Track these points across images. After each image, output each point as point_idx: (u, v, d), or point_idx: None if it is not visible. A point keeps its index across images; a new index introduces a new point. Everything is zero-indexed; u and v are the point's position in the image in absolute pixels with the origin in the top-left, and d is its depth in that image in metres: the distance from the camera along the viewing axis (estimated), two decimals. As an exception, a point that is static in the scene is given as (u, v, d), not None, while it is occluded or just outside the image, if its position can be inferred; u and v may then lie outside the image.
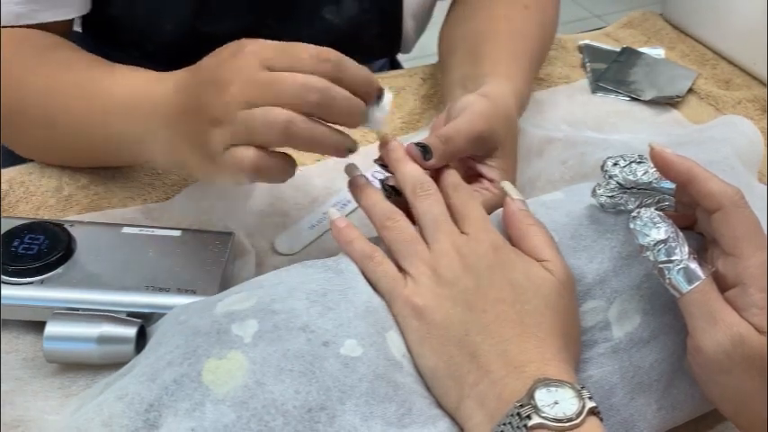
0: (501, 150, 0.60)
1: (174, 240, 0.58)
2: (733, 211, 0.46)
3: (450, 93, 0.70)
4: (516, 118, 0.64)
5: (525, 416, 0.40)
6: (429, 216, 0.51)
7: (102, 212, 0.65)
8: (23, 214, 0.64)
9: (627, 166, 0.52)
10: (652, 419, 0.50)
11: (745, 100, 0.86)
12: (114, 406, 0.44)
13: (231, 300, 0.49)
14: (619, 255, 0.51)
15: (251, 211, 0.66)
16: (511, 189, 0.54)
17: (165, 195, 0.68)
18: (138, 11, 0.77)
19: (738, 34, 0.92)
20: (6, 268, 0.53)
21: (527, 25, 0.75)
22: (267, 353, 0.45)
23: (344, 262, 0.51)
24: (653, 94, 0.84)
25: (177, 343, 0.46)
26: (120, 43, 0.82)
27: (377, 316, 0.48)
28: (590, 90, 0.86)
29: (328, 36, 0.80)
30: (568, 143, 0.72)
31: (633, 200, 0.52)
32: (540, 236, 0.50)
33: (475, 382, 0.44)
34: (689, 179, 0.47)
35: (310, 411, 0.43)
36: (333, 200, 0.68)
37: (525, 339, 0.45)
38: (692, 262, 0.45)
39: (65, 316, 0.52)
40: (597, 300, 0.50)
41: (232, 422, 0.42)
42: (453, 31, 0.77)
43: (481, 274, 0.47)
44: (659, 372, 0.50)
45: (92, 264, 0.55)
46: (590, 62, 0.90)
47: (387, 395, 0.45)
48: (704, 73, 0.91)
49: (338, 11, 0.80)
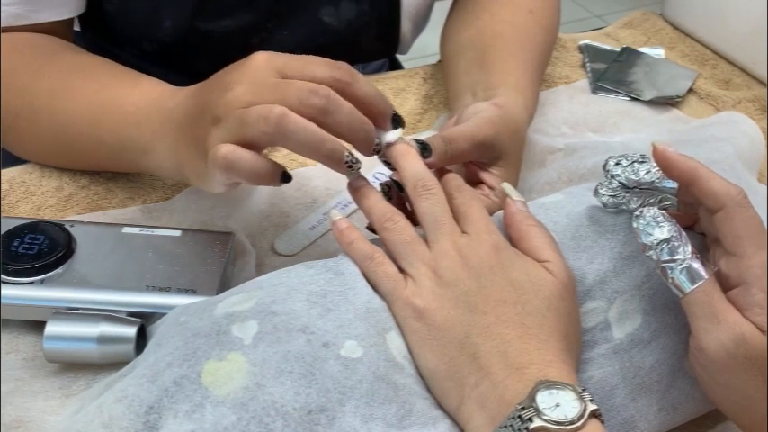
0: (505, 160, 0.60)
1: (174, 240, 0.58)
2: (735, 210, 0.46)
3: (458, 98, 0.70)
4: (525, 132, 0.65)
5: (527, 418, 0.40)
6: (430, 216, 0.50)
7: (103, 212, 0.65)
8: (23, 214, 0.64)
9: (629, 165, 0.52)
10: (653, 420, 0.50)
11: (745, 100, 0.86)
12: (114, 408, 0.44)
13: (231, 301, 0.49)
14: (619, 255, 0.51)
15: (251, 211, 0.66)
16: (511, 190, 0.54)
17: (165, 195, 0.68)
18: (136, 8, 0.77)
19: (738, 34, 0.92)
20: (6, 268, 0.53)
21: (533, 31, 0.75)
22: (267, 354, 0.44)
23: (345, 263, 0.51)
24: (653, 94, 0.84)
25: (177, 344, 0.46)
26: (119, 41, 0.82)
27: (377, 317, 0.48)
28: (590, 90, 0.86)
29: (326, 38, 0.80)
30: (569, 150, 0.73)
31: (636, 199, 0.52)
32: (541, 237, 0.50)
33: (476, 383, 0.44)
34: (692, 178, 0.47)
35: (310, 413, 0.43)
36: (333, 201, 0.68)
37: (526, 341, 0.45)
38: (695, 261, 0.45)
39: (65, 316, 0.52)
40: (597, 300, 0.50)
41: (232, 424, 0.42)
42: (458, 34, 0.77)
43: (482, 275, 0.47)
44: (660, 372, 0.50)
45: (92, 264, 0.55)
46: (590, 62, 0.90)
47: (387, 396, 0.44)
48: (704, 73, 0.91)
49: (336, 13, 0.80)
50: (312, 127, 0.48)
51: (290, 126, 0.48)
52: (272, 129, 0.48)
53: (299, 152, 0.50)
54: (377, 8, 0.82)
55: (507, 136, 0.60)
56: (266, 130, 0.48)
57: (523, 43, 0.73)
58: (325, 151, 0.49)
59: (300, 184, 0.70)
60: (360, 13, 0.81)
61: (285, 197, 0.68)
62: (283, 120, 0.47)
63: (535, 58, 0.73)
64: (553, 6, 0.80)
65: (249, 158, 0.49)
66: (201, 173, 0.53)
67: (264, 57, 0.51)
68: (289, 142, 0.49)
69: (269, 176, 0.50)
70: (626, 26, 1.00)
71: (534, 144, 0.74)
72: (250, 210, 0.66)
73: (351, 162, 0.50)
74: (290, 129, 0.48)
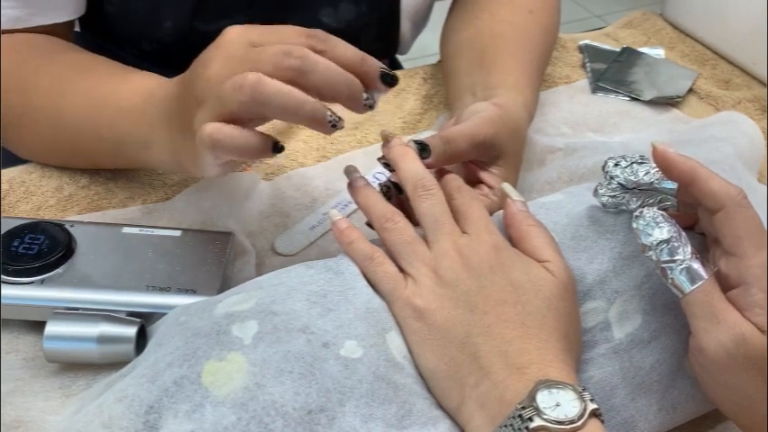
0: (504, 159, 0.60)
1: (174, 240, 0.58)
2: (735, 210, 0.46)
3: (458, 99, 0.70)
4: (525, 132, 0.65)
5: (527, 418, 0.40)
6: (430, 216, 0.50)
7: (103, 212, 0.65)
8: (23, 214, 0.64)
9: (628, 166, 0.52)
10: (653, 420, 0.50)
11: (745, 100, 0.86)
12: (114, 408, 0.44)
13: (231, 301, 0.49)
14: (619, 255, 0.51)
15: (251, 211, 0.66)
16: (511, 190, 0.54)
17: (165, 195, 0.68)
18: (136, 9, 0.77)
19: (738, 34, 0.92)
20: (6, 268, 0.53)
21: (533, 31, 0.75)
22: (267, 354, 0.44)
23: (345, 263, 0.51)
24: (653, 94, 0.84)
25: (177, 344, 0.46)
26: (119, 41, 0.82)
27: (377, 317, 0.48)
28: (590, 90, 0.86)
29: None
30: (569, 150, 0.73)
31: (635, 200, 0.52)
32: (541, 237, 0.50)
33: (476, 383, 0.44)
34: (691, 179, 0.47)
35: (310, 413, 0.43)
36: (333, 201, 0.68)
37: (527, 341, 0.45)
38: (694, 262, 0.45)
39: (65, 316, 0.52)
40: (597, 300, 0.50)
41: (232, 424, 0.42)
42: (458, 34, 0.77)
43: (483, 275, 0.47)
44: (660, 372, 0.50)
45: (92, 264, 0.55)
46: (590, 62, 0.90)
47: (387, 396, 0.44)
48: (704, 73, 0.91)
49: (335, 14, 0.80)
50: (288, 89, 0.47)
51: (265, 91, 0.46)
52: (247, 97, 0.46)
53: (280, 117, 0.48)
54: (376, 9, 0.82)
55: (507, 135, 0.60)
56: (243, 100, 0.47)
57: (523, 43, 0.73)
58: (305, 113, 0.47)
59: (300, 184, 0.70)
60: (359, 13, 0.81)
61: (285, 197, 0.68)
62: (258, 86, 0.46)
63: (535, 57, 0.73)
64: (553, 6, 0.80)
65: (235, 134, 0.48)
66: (197, 159, 0.52)
67: (237, 30, 0.49)
68: (267, 108, 0.47)
69: (259, 149, 0.49)
70: (626, 26, 1.00)
71: (534, 144, 0.74)
72: (250, 210, 0.66)
73: (334, 121, 0.48)
74: (266, 94, 0.46)
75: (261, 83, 0.46)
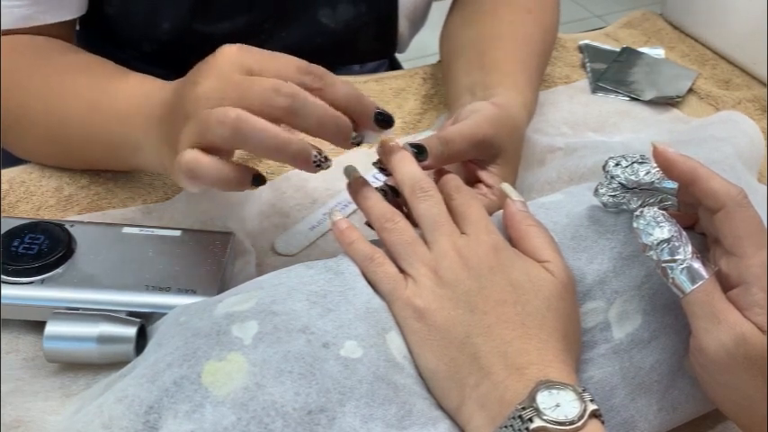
0: (503, 158, 0.60)
1: (174, 240, 0.58)
2: (736, 210, 0.46)
3: (457, 98, 0.70)
4: (523, 130, 0.65)
5: (527, 418, 0.40)
6: (429, 217, 0.50)
7: (103, 212, 0.65)
8: (23, 214, 0.64)
9: (629, 166, 0.52)
10: (653, 420, 0.50)
11: (745, 100, 0.86)
12: (114, 408, 0.44)
13: (231, 301, 0.49)
14: (619, 255, 0.51)
15: (251, 211, 0.66)
16: (511, 191, 0.54)
17: (165, 195, 0.68)
18: (136, 10, 0.77)
19: (738, 34, 0.92)
20: (6, 268, 0.53)
21: (531, 30, 0.75)
22: (267, 354, 0.44)
23: (345, 263, 0.50)
24: (653, 94, 0.84)
25: (177, 344, 0.46)
26: (118, 42, 0.82)
27: (377, 317, 0.48)
28: (590, 90, 0.86)
29: (324, 39, 0.80)
30: (569, 150, 0.73)
31: (636, 199, 0.52)
32: (541, 237, 0.50)
33: (476, 383, 0.44)
34: (692, 178, 0.47)
35: (310, 413, 0.43)
36: (334, 201, 0.68)
37: (526, 341, 0.45)
38: (695, 261, 0.45)
39: (65, 316, 0.52)
40: (597, 300, 0.50)
41: (232, 424, 0.42)
42: (457, 34, 0.77)
43: (482, 275, 0.47)
44: (660, 372, 0.50)
45: (92, 264, 0.55)
46: (590, 62, 0.90)
47: (387, 397, 0.44)
48: (704, 73, 0.91)
49: (334, 14, 0.80)
50: (271, 129, 0.46)
51: (246, 129, 0.46)
52: (228, 133, 0.46)
53: (261, 155, 0.48)
54: (374, 9, 0.82)
55: (505, 134, 0.60)
56: (224, 135, 0.46)
57: (522, 43, 0.73)
58: (290, 153, 0.47)
59: (300, 184, 0.70)
60: (357, 14, 0.81)
61: (285, 197, 0.68)
62: (239, 123, 0.46)
63: (534, 57, 0.73)
64: (552, 6, 0.80)
65: (212, 166, 0.47)
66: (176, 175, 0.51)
67: (233, 51, 0.49)
68: (248, 146, 0.47)
69: (236, 182, 0.48)
70: (626, 26, 1.00)
71: (534, 143, 0.74)
72: (250, 210, 0.66)
73: (319, 161, 0.48)
74: (247, 132, 0.46)
75: (242, 121, 0.46)
